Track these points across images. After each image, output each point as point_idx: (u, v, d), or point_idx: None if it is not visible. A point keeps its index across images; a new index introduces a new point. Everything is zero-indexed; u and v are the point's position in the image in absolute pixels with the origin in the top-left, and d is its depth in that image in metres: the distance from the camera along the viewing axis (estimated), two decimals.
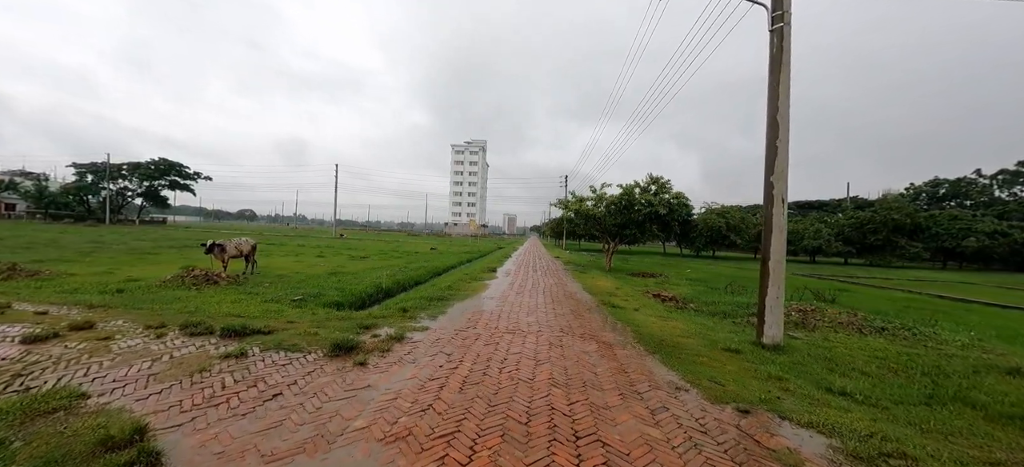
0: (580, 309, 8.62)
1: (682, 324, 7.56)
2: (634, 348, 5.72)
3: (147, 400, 3.40)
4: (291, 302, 7.99)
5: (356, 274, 13.69)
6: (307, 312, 7.06)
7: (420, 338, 5.63)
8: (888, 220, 42.33)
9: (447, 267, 18.73)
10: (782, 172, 6.20)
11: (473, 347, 5.33)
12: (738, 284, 15.35)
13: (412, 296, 9.32)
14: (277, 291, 9.09)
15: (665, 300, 10.96)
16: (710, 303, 11.26)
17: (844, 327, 8.19)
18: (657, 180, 18.94)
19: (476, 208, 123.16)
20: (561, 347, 5.54)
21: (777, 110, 6.25)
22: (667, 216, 18.01)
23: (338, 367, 4.34)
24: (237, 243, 11.83)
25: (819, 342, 6.84)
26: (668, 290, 12.95)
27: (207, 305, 7.22)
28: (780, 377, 4.78)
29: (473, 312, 7.70)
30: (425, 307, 7.90)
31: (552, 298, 9.89)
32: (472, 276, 13.81)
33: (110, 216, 56.98)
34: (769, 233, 6.25)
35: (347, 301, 8.78)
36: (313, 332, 5.45)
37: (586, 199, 19.93)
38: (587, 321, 7.43)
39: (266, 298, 8.10)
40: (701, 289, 14.57)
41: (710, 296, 12.71)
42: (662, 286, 14.66)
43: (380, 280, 11.92)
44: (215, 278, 9.86)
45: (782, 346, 6.14)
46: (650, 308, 9.40)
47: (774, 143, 6.24)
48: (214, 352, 4.54)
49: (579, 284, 13.35)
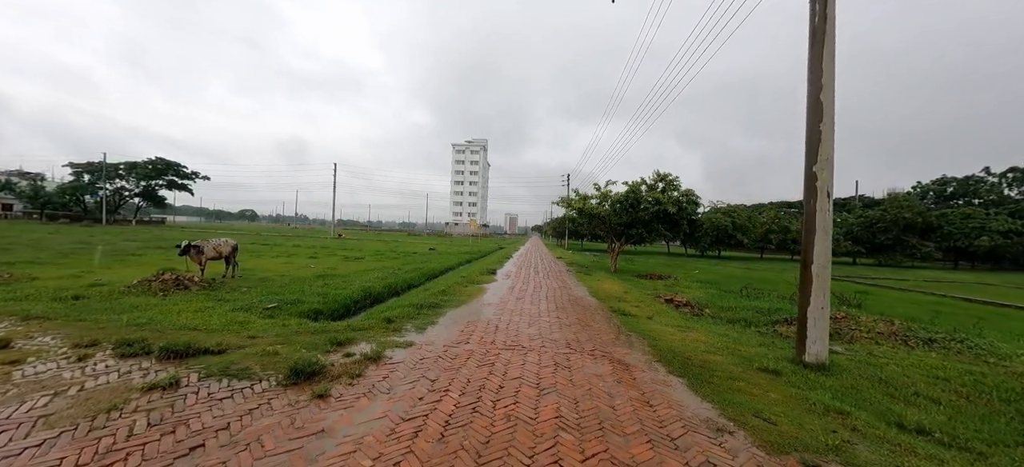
0: (587, 317, 7.72)
1: (704, 336, 6.65)
2: (655, 369, 4.83)
3: (17, 458, 2.53)
4: (263, 311, 7.12)
5: (346, 277, 12.82)
6: (277, 323, 6.19)
7: (401, 358, 4.75)
8: (899, 219, 41.26)
9: (444, 269, 17.84)
10: (827, 161, 5.29)
11: (463, 370, 4.44)
12: (753, 287, 14.42)
13: (402, 302, 8.44)
14: (252, 297, 8.22)
15: (679, 306, 10.05)
16: (727, 309, 10.36)
17: (884, 338, 7.28)
18: (664, 177, 18.03)
19: (477, 208, 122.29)
20: (568, 369, 4.65)
21: (820, 89, 5.34)
22: (676, 215, 17.08)
23: (290, 401, 3.46)
24: (216, 244, 10.97)
25: (864, 358, 5.94)
26: (680, 294, 12.04)
27: (165, 315, 6.35)
28: (840, 410, 3.88)
29: (467, 322, 6.82)
30: (414, 316, 7.02)
31: (556, 304, 8.99)
32: (470, 279, 12.93)
33: (107, 216, 56.30)
34: (812, 233, 5.34)
35: (328, 309, 7.90)
36: (273, 351, 4.57)
37: (590, 197, 19.02)
38: (596, 332, 6.53)
39: (236, 306, 7.23)
40: (714, 292, 13.66)
41: (725, 300, 11.80)
42: (673, 289, 13.75)
43: (370, 284, 11.04)
44: (187, 282, 9.00)
45: (827, 365, 5.23)
46: (664, 316, 8.50)
47: (817, 127, 5.33)
48: (139, 382, 3.66)
49: (584, 287, 12.45)
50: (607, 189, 18.69)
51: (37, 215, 56.42)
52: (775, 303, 11.56)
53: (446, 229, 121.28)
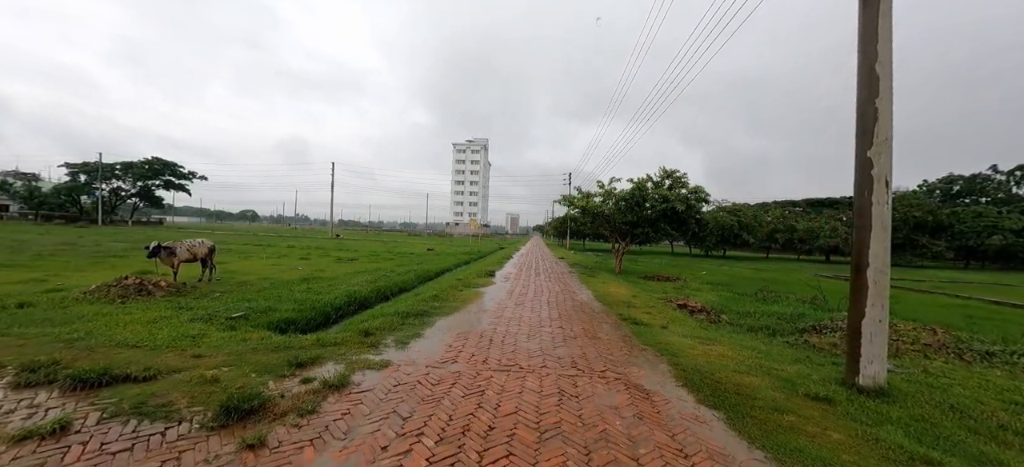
0: (594, 327, 6.85)
1: (730, 350, 5.78)
2: (682, 398, 3.96)
3: None
4: (226, 321, 6.26)
5: (333, 280, 11.98)
6: (236, 337, 5.33)
7: (371, 384, 3.89)
8: (908, 217, 40.26)
9: (440, 270, 16.99)
10: (885, 143, 4.41)
11: (445, 401, 3.58)
12: (769, 289, 13.53)
13: (387, 310, 7.57)
14: (221, 305, 7.37)
15: (694, 311, 9.18)
16: (745, 314, 9.49)
17: (934, 350, 6.39)
18: (671, 174, 17.12)
19: (478, 207, 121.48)
20: (576, 398, 3.78)
21: (875, 57, 4.46)
22: (684, 213, 16.19)
23: (208, 457, 2.60)
24: (190, 245, 10.13)
25: (922, 378, 5.06)
26: (692, 297, 11.16)
27: (109, 328, 5.50)
28: (927, 459, 3.00)
29: (458, 334, 5.95)
30: (397, 327, 6.16)
31: (559, 311, 8.12)
32: (466, 282, 12.07)
33: (103, 216, 55.62)
34: (866, 231, 4.46)
35: (303, 318, 7.04)
36: (213, 378, 3.71)
37: (594, 195, 18.14)
38: (606, 346, 5.66)
39: (196, 315, 6.37)
40: (727, 296, 12.78)
41: (741, 304, 10.92)
42: (683, 292, 12.87)
43: (356, 288, 10.19)
44: (151, 287, 8.16)
45: (886, 389, 4.36)
46: (680, 324, 7.62)
47: (871, 103, 4.45)
48: (16, 427, 2.80)
49: (589, 291, 11.58)
50: (611, 187, 17.81)
51: (33, 216, 55.76)
52: (796, 307, 10.68)
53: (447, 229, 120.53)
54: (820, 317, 9.17)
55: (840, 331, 7.70)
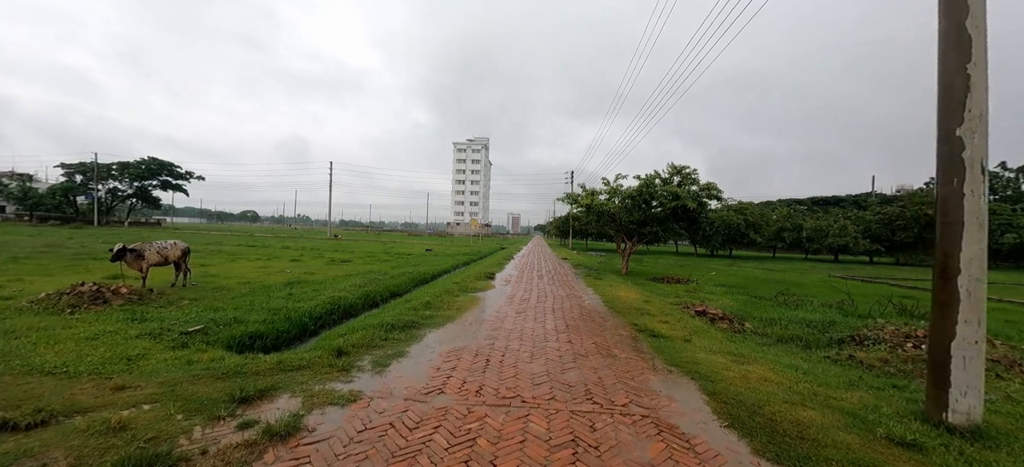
0: (608, 340, 5.96)
1: (771, 372, 4.88)
2: (732, 445, 3.06)
3: None
4: (179, 336, 5.39)
5: (320, 284, 11.12)
6: (180, 360, 4.45)
7: (330, 429, 3.01)
8: (920, 215, 39.19)
9: (437, 273, 16.11)
10: (979, 120, 3.51)
11: (423, 457, 2.70)
12: (788, 293, 12.61)
13: (372, 320, 6.68)
14: (182, 316, 6.50)
15: (714, 319, 8.27)
16: (770, 322, 8.59)
17: (1006, 369, 5.49)
18: (680, 170, 16.21)
19: (479, 207, 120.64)
20: (597, 451, 2.89)
21: (965, 11, 3.55)
22: (695, 211, 15.28)
23: None
24: (161, 248, 9.27)
25: (1011, 409, 4.16)
26: (709, 302, 10.26)
27: (35, 346, 4.63)
28: None
29: (449, 352, 5.07)
30: (379, 342, 5.28)
31: (565, 321, 7.23)
32: (463, 285, 11.19)
33: (100, 217, 54.88)
34: (955, 228, 3.57)
35: (272, 332, 6.15)
36: (120, 424, 2.83)
37: (599, 192, 17.24)
38: (625, 367, 4.77)
39: (147, 331, 5.49)
40: (745, 300, 11.86)
41: (763, 310, 10.01)
42: (696, 295, 11.97)
43: (342, 294, 9.32)
44: (109, 295, 7.29)
45: (982, 429, 3.46)
46: (703, 336, 6.71)
47: (961, 71, 3.55)
48: None
49: (596, 295, 10.69)
50: (617, 184, 16.90)
51: (28, 217, 55.05)
52: (823, 313, 9.77)
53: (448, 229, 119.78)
54: (853, 325, 8.29)
55: (886, 343, 6.81)
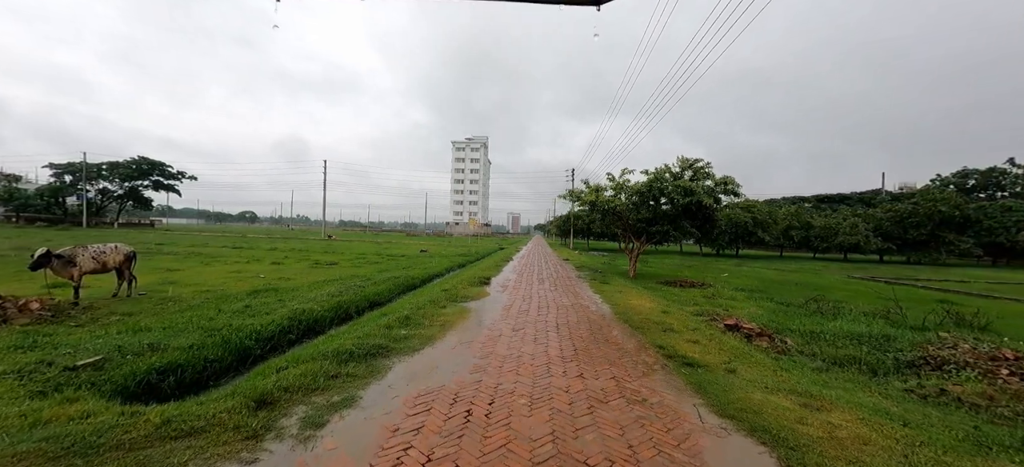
0: (630, 371, 4.61)
1: (863, 425, 3.50)
2: None
3: None
4: (64, 371, 4.04)
5: (293, 292, 9.78)
6: (30, 415, 3.09)
7: None
8: (933, 212, 37.85)
9: (428, 276, 14.76)
10: None
11: None
12: (821, 299, 11.18)
13: (329, 346, 5.28)
14: (91, 339, 5.14)
15: (751, 336, 6.91)
16: (812, 336, 7.21)
17: None
18: (692, 164, 14.83)
19: (478, 206, 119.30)
20: None
21: None
22: (710, 208, 13.92)
23: None
24: (97, 252, 7.90)
25: None
26: (737, 314, 8.90)
27: None
28: None
29: (416, 398, 3.71)
30: (323, 384, 3.91)
31: (574, 343, 5.87)
32: (453, 293, 9.84)
33: (90, 219, 53.50)
34: None
35: (197, 361, 4.77)
36: None
37: (604, 188, 15.86)
38: (663, 426, 3.40)
39: (15, 367, 4.13)
40: (771, 307, 10.48)
41: (798, 321, 8.59)
42: (717, 303, 10.61)
43: (308, 306, 7.97)
44: (13, 310, 5.94)
45: None
46: (748, 362, 5.34)
47: None
48: None
49: (607, 305, 9.33)
50: (624, 179, 15.53)
51: (15, 219, 53.68)
52: (868, 324, 8.37)
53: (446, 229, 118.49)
54: (913, 340, 6.93)
55: (972, 368, 5.46)
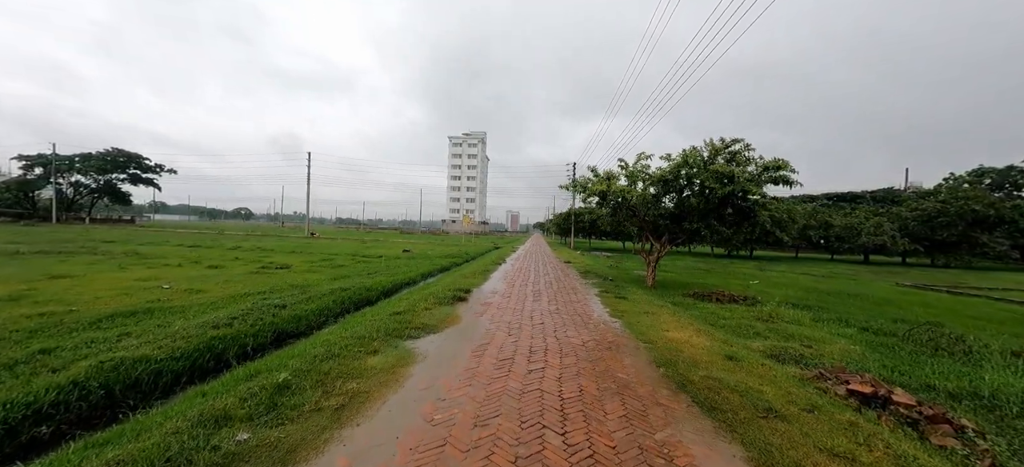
0: None
1: None
2: None
3: None
4: None
5: (206, 305, 6.83)
6: None
7: None
8: (965, 211, 34.92)
9: (395, 286, 11.77)
10: None
11: None
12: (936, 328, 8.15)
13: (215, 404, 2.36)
14: None
15: (885, 405, 3.94)
16: (974, 401, 4.28)
17: None
18: (728, 146, 11.75)
19: (475, 204, 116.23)
20: None
21: None
22: (757, 200, 11.01)
23: None
24: None
25: None
26: (825, 354, 5.93)
27: None
28: None
29: None
30: None
31: (597, 459, 2.91)
32: (405, 320, 6.86)
33: (60, 214, 50.36)
34: None
35: None
36: None
37: (616, 177, 12.85)
38: None
39: None
40: (864, 339, 7.42)
41: (923, 371, 5.58)
42: (780, 329, 7.64)
43: (142, 354, 4.99)
44: None
45: None
46: None
47: None
48: None
49: (628, 330, 6.34)
50: (643, 165, 12.51)
51: None
52: None
53: (443, 226, 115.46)
54: None
55: None
